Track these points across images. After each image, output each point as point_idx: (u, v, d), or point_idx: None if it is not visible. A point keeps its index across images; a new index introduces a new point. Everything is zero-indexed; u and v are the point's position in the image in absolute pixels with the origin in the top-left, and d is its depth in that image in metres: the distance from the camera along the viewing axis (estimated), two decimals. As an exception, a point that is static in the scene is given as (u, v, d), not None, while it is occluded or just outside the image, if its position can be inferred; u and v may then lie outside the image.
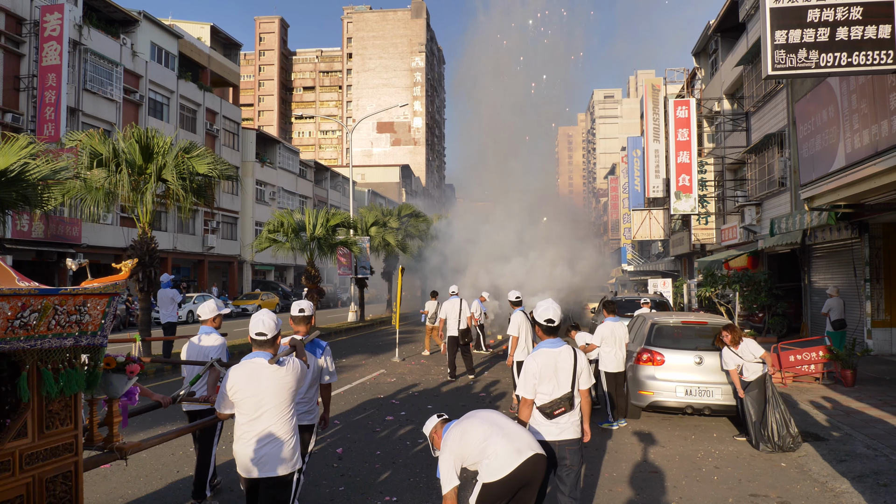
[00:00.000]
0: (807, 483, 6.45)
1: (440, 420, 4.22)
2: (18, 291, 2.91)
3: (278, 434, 4.03)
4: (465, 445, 3.90)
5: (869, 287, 15.46)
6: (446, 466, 3.88)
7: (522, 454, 3.83)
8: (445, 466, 3.89)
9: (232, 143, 44.26)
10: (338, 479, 6.53)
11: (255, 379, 4.01)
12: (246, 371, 4.04)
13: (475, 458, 3.89)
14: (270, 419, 4.02)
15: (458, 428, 4.02)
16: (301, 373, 4.20)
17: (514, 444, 3.87)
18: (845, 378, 11.50)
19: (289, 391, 4.08)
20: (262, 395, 4.00)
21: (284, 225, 22.89)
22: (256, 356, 4.09)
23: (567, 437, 4.41)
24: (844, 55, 8.17)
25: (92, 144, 12.96)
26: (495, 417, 4.07)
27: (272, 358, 4.03)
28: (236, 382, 4.05)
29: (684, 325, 9.49)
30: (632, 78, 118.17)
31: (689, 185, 25.72)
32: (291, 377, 4.10)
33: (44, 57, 26.77)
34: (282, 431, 4.05)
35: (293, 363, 4.15)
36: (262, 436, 4.00)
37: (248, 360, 4.09)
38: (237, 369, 4.08)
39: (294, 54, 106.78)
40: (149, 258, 13.86)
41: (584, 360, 4.58)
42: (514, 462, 3.79)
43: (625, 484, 6.43)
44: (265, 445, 3.99)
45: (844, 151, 11.08)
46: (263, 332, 4.09)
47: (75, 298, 3.22)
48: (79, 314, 3.27)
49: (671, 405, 8.69)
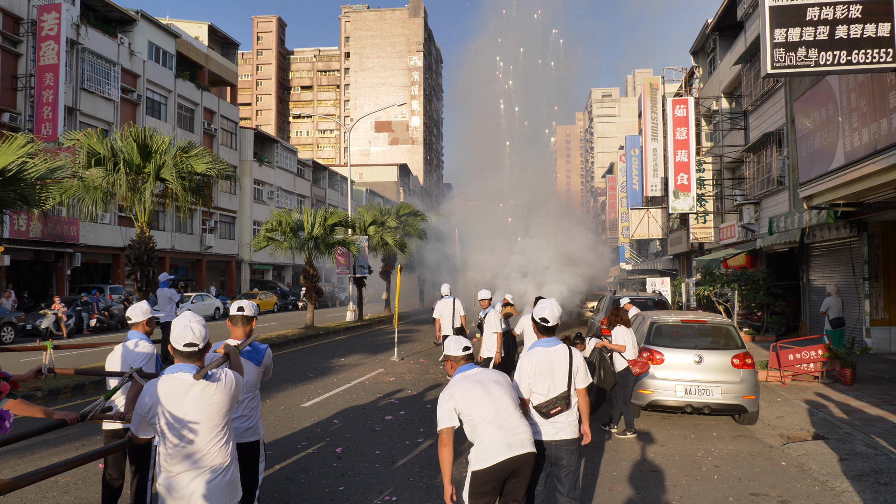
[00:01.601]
0: (807, 482, 6.45)
1: (464, 354, 4.21)
2: None
3: (210, 465, 3.29)
4: (465, 406, 3.96)
5: (868, 285, 15.47)
6: (447, 408, 3.97)
7: (512, 450, 3.89)
8: (446, 407, 3.97)
9: (230, 142, 44.20)
10: (337, 478, 6.51)
11: (178, 399, 3.23)
12: (166, 388, 3.25)
13: (468, 425, 3.99)
14: (199, 448, 3.27)
15: (470, 384, 4.02)
16: (236, 389, 3.44)
17: (507, 438, 3.90)
18: (844, 377, 11.50)
19: (221, 412, 3.33)
20: (186, 418, 3.24)
21: (283, 224, 22.86)
22: (180, 369, 3.31)
23: (564, 437, 4.38)
24: (844, 53, 8.16)
25: (90, 143, 12.92)
26: (500, 402, 4.01)
27: (198, 372, 3.26)
28: (154, 402, 3.26)
29: (683, 323, 9.48)
30: (629, 77, 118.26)
31: (688, 184, 25.72)
32: (224, 396, 3.33)
33: (41, 56, 26.71)
34: (215, 462, 3.31)
35: (226, 377, 3.38)
36: (189, 469, 3.26)
37: (170, 375, 3.30)
38: (155, 386, 3.29)
39: (292, 53, 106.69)
40: (147, 258, 13.82)
41: (580, 359, 4.52)
42: (501, 455, 3.87)
43: (624, 483, 6.42)
44: (193, 481, 3.25)
45: (843, 150, 11.08)
46: (194, 342, 3.31)
47: None
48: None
49: (670, 404, 8.68)
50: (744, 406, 8.49)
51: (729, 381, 8.53)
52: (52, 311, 21.60)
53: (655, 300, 16.50)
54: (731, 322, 9.57)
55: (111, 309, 25.34)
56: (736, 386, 8.51)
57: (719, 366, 8.64)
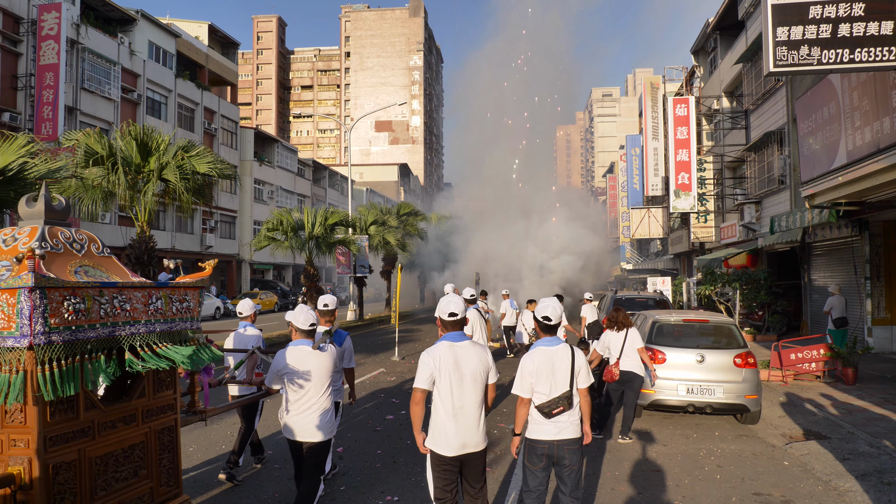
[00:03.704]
0: (810, 482, 6.42)
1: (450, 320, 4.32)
2: (144, 283, 3.74)
3: (319, 406, 4.95)
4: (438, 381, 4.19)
5: (869, 285, 15.44)
6: (427, 372, 4.21)
7: (465, 449, 4.18)
8: (426, 371, 4.21)
9: (230, 142, 44.17)
10: (338, 478, 6.49)
11: (301, 361, 4.91)
12: (294, 354, 4.93)
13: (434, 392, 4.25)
14: (314, 394, 4.93)
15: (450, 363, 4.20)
16: (336, 357, 5.25)
17: (459, 438, 4.15)
18: (846, 376, 11.48)
19: (328, 371, 5.00)
20: (307, 374, 4.90)
21: (283, 223, 22.84)
22: (301, 343, 5.00)
23: (566, 437, 4.35)
24: (846, 52, 8.14)
25: (88, 143, 12.89)
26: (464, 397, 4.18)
27: (314, 344, 4.98)
28: (285, 364, 4.91)
29: (685, 323, 9.45)
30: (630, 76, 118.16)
31: (689, 184, 25.68)
32: (329, 360, 5.03)
33: (41, 56, 26.67)
34: (322, 404, 4.97)
35: (330, 348, 5.12)
36: (307, 408, 4.92)
37: (295, 347, 4.97)
38: (287, 353, 4.93)
39: (292, 53, 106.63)
40: (147, 257, 13.79)
41: (582, 359, 4.49)
42: (451, 451, 4.16)
43: (627, 483, 6.39)
44: (309, 416, 4.91)
45: (846, 149, 11.05)
46: (308, 325, 5.02)
47: (180, 291, 4.07)
48: (185, 301, 4.12)
49: (672, 404, 8.65)
50: (746, 405, 8.46)
51: (731, 381, 8.50)
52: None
53: (657, 299, 16.45)
54: (733, 321, 9.54)
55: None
56: (738, 385, 8.48)
57: (721, 365, 8.60)
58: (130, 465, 3.79)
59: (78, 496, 3.40)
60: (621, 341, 8.18)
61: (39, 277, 3.05)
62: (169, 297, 3.93)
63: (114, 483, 3.66)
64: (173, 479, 4.16)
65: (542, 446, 4.35)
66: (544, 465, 4.37)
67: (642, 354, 8.12)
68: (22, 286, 3.02)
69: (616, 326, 8.26)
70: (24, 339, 3.04)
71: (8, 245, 3.53)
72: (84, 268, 3.63)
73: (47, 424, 3.23)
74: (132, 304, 3.62)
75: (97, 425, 3.56)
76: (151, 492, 3.95)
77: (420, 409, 4.24)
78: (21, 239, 3.54)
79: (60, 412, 3.33)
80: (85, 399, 3.48)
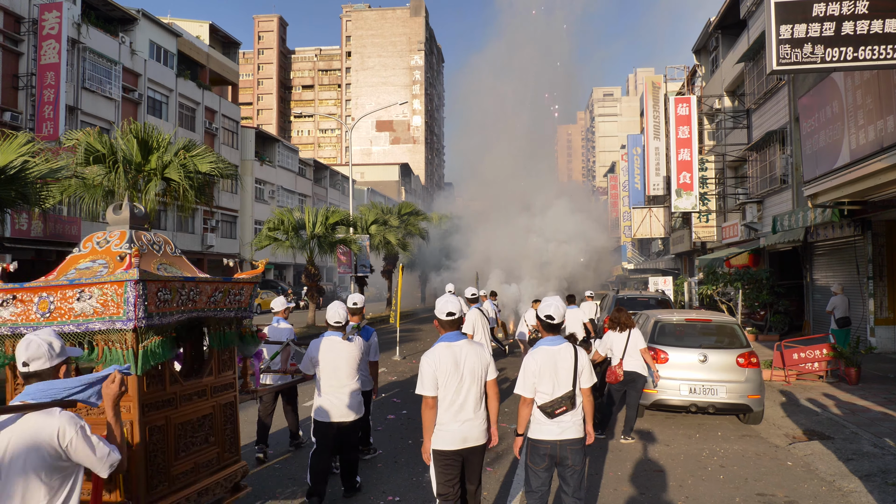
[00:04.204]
0: (814, 482, 6.38)
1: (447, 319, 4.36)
2: (214, 279, 4.46)
3: (349, 389, 5.67)
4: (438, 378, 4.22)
5: (872, 285, 15.39)
6: (429, 375, 4.23)
7: (466, 443, 4.23)
8: (429, 376, 4.23)
9: (231, 141, 44.15)
10: (338, 479, 6.44)
11: (334, 350, 5.69)
12: (326, 344, 5.70)
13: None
14: (343, 378, 5.67)
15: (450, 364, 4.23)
16: (364, 347, 6.02)
17: (461, 431, 4.21)
18: (849, 376, 11.43)
19: (356, 359, 5.76)
20: (337, 361, 5.68)
21: (284, 223, 22.82)
22: (332, 335, 5.76)
23: (569, 437, 4.31)
24: (850, 50, 8.08)
25: (89, 142, 12.87)
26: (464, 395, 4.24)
27: (344, 336, 5.75)
28: (320, 352, 5.69)
29: (688, 322, 9.41)
30: (631, 76, 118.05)
31: (690, 183, 25.64)
32: (357, 350, 5.81)
33: (42, 55, 26.65)
34: (351, 388, 5.69)
35: (357, 340, 5.88)
36: (338, 387, 5.64)
37: (327, 338, 5.75)
38: (321, 343, 5.72)
39: (293, 53, 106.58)
40: (148, 256, 13.75)
41: (585, 358, 4.45)
42: (453, 445, 4.22)
43: (629, 483, 6.36)
44: (340, 397, 5.62)
45: (849, 148, 11.00)
46: (339, 320, 5.78)
47: (238, 285, 4.75)
48: (239, 295, 4.78)
49: (675, 403, 8.61)
50: (749, 405, 8.42)
51: (734, 381, 8.46)
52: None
53: (659, 299, 16.40)
54: (735, 321, 9.51)
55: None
56: (741, 385, 8.45)
57: (724, 365, 8.56)
58: (202, 433, 4.50)
59: (166, 455, 4.11)
60: (624, 342, 8.14)
61: (142, 272, 3.72)
62: (228, 290, 4.64)
63: (191, 446, 4.38)
64: (234, 446, 4.87)
65: (545, 446, 4.31)
66: (547, 465, 4.33)
67: (645, 355, 8.08)
68: (129, 279, 3.67)
69: (618, 327, 8.22)
70: (130, 322, 3.69)
71: (101, 247, 4.18)
72: (163, 265, 4.26)
73: (144, 394, 3.92)
74: (201, 296, 4.32)
75: (178, 397, 4.28)
76: (218, 456, 4.65)
77: (432, 413, 4.26)
78: (112, 241, 4.17)
79: (152, 384, 4.03)
80: (170, 375, 4.19)
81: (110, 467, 2.70)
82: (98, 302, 3.73)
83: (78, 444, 2.58)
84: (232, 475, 4.73)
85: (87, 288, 3.75)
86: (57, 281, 3.85)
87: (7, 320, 3.86)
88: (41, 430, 2.53)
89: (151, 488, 3.96)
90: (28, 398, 2.61)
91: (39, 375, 2.69)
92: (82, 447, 2.59)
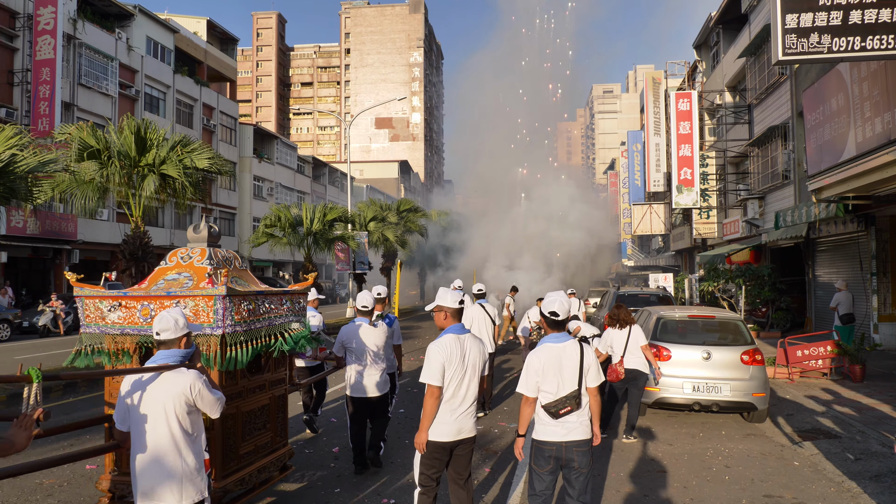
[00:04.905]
0: (822, 483, 6.19)
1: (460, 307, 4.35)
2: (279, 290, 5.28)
3: (376, 369, 6.33)
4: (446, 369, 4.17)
5: (875, 281, 15.20)
6: (436, 365, 4.17)
7: (461, 434, 4.24)
8: (435, 365, 4.17)
9: (229, 138, 43.90)
10: (333, 480, 6.26)
11: (362, 334, 6.36)
12: (354, 329, 6.39)
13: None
14: (370, 361, 6.31)
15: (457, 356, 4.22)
16: (388, 332, 6.72)
17: (457, 423, 4.22)
18: (854, 373, 11.26)
19: (382, 342, 6.44)
20: (365, 344, 6.31)
21: (281, 220, 22.62)
22: (360, 320, 6.45)
23: (575, 439, 4.12)
24: (858, 39, 7.88)
25: (81, 136, 12.64)
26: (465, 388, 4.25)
27: (370, 322, 6.45)
28: (350, 336, 6.37)
29: (691, 319, 9.22)
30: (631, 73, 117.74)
31: (691, 179, 25.45)
32: (383, 334, 6.50)
33: (37, 51, 26.42)
34: (378, 368, 6.34)
35: (382, 325, 6.57)
36: (366, 371, 6.31)
37: (355, 324, 6.44)
38: (350, 328, 6.42)
39: (292, 50, 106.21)
40: (142, 253, 13.57)
41: (592, 356, 4.26)
42: (449, 437, 4.21)
43: (632, 484, 6.17)
44: (370, 376, 6.30)
45: (855, 141, 10.80)
46: (367, 304, 6.46)
47: (294, 295, 5.52)
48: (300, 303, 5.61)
49: (678, 402, 8.43)
50: (753, 404, 8.24)
51: (738, 378, 8.27)
52: (50, 308, 21.36)
53: (660, 296, 16.20)
54: (739, 317, 9.31)
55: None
56: (745, 383, 8.26)
57: (728, 362, 8.38)
58: (261, 420, 5.26)
59: (237, 437, 4.91)
60: (624, 339, 7.94)
61: (230, 288, 4.48)
62: (290, 300, 5.41)
63: (253, 431, 5.15)
64: (284, 432, 5.65)
65: (550, 448, 4.13)
66: (552, 467, 4.15)
67: (646, 352, 7.89)
68: (217, 294, 4.42)
69: (618, 324, 8.02)
70: (218, 329, 4.45)
71: (185, 261, 4.92)
72: (234, 279, 4.86)
73: (222, 386, 4.54)
74: (272, 305, 5.10)
75: (246, 389, 5.06)
76: (271, 440, 5.42)
77: (436, 403, 4.20)
78: (194, 257, 4.92)
79: (227, 378, 4.75)
80: (240, 371, 4.91)
81: (220, 408, 3.53)
82: (191, 311, 4.46)
83: (203, 392, 3.41)
84: (281, 457, 5.52)
85: (182, 299, 4.47)
86: (156, 292, 4.59)
87: (115, 322, 4.63)
88: (178, 384, 3.36)
89: (225, 465, 4.72)
90: (160, 361, 3.43)
91: (167, 344, 3.47)
92: (206, 394, 3.42)
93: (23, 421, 2.71)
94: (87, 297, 4.66)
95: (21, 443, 2.69)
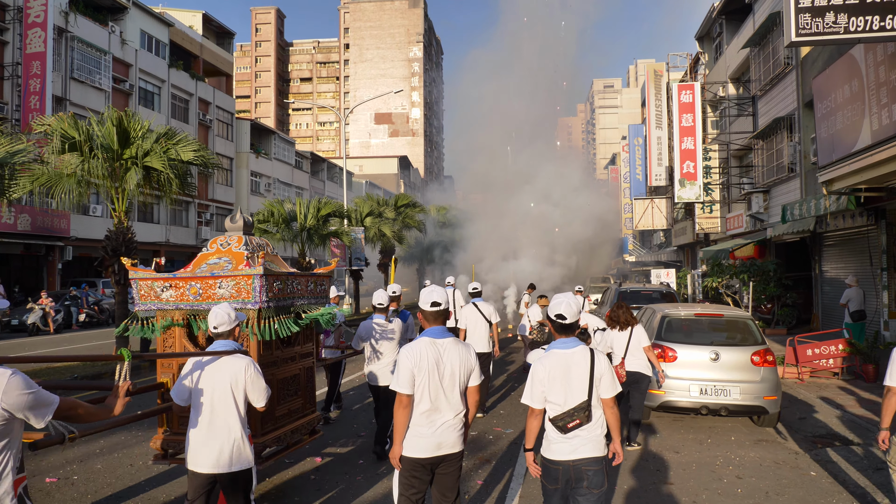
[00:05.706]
0: (843, 496, 5.71)
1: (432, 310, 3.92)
2: (314, 273, 6.18)
3: (391, 359, 6.84)
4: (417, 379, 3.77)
5: (886, 276, 14.69)
6: (404, 372, 3.78)
7: (441, 450, 3.79)
8: (403, 371, 3.78)
9: (226, 133, 43.38)
10: (313, 493, 5.78)
11: (378, 329, 7.01)
12: (372, 325, 7.03)
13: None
14: (387, 352, 6.96)
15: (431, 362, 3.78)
16: (403, 327, 7.36)
17: (436, 437, 3.77)
18: (867, 373, 10.77)
19: (396, 337, 7.09)
20: (380, 338, 6.97)
21: (275, 215, 22.13)
22: (377, 316, 7.11)
23: (584, 456, 3.64)
24: (877, 19, 7.38)
25: (62, 128, 12.13)
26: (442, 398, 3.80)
27: (385, 318, 7.10)
28: (367, 330, 7.02)
29: (697, 317, 8.73)
30: (632, 67, 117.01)
31: (694, 173, 24.91)
32: (398, 328, 7.17)
33: (28, 44, 25.92)
34: (393, 359, 6.78)
35: (397, 321, 7.22)
36: (385, 355, 6.95)
37: (372, 319, 7.09)
38: (367, 323, 7.06)
39: (291, 45, 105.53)
40: (125, 249, 13.09)
41: (605, 363, 3.76)
42: (426, 453, 3.78)
43: (638, 498, 5.69)
44: (383, 367, 6.90)
45: (870, 129, 10.28)
46: (382, 301, 7.10)
47: (319, 278, 6.22)
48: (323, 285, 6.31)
49: (684, 405, 7.94)
50: (765, 407, 7.75)
51: (748, 381, 7.79)
52: (39, 306, 20.90)
53: (663, 292, 15.63)
54: (749, 315, 8.80)
55: (101, 303, 24.63)
56: (756, 385, 7.77)
57: (737, 363, 7.89)
58: (293, 388, 5.91)
59: (273, 401, 5.37)
60: (625, 340, 7.44)
61: (265, 268, 5.14)
62: (316, 282, 6.10)
63: (287, 397, 5.79)
64: (312, 400, 6.30)
65: (557, 468, 3.66)
66: (560, 488, 3.69)
67: (649, 353, 7.40)
68: (255, 273, 5.12)
69: (618, 326, 7.51)
70: (256, 304, 5.16)
71: (224, 248, 5.63)
72: (267, 262, 5.32)
73: (260, 355, 5.24)
74: (300, 286, 5.77)
75: (280, 359, 5.68)
76: (302, 406, 6.07)
77: (406, 413, 3.79)
78: (233, 244, 5.64)
79: (264, 349, 5.36)
80: (275, 342, 5.54)
81: (266, 398, 4.09)
82: (233, 289, 5.20)
83: (255, 378, 4.01)
84: (311, 421, 6.13)
85: (224, 279, 5.23)
86: (201, 273, 5.36)
87: (169, 300, 5.42)
88: (234, 368, 3.97)
89: (264, 425, 5.35)
90: (218, 348, 4.06)
91: (222, 335, 4.10)
92: (257, 380, 4.02)
93: (117, 390, 3.22)
94: (141, 279, 5.48)
95: (118, 409, 3.21)
